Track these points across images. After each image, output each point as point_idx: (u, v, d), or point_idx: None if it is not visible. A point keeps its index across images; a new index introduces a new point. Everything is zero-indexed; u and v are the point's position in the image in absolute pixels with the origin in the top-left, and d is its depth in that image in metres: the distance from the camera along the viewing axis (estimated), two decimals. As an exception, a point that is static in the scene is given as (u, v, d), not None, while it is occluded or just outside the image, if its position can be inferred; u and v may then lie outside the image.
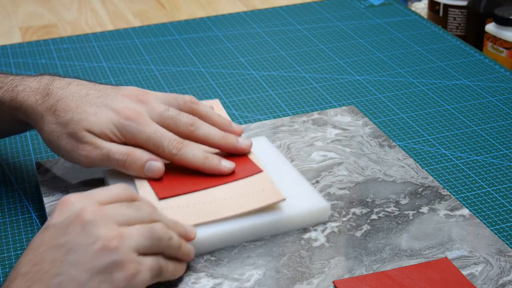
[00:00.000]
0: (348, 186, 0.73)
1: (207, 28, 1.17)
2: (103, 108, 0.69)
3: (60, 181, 0.74)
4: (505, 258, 0.62)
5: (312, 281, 0.61)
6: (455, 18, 1.36)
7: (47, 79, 0.72)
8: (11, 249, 0.68)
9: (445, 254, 0.63)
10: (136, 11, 1.27)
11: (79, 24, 1.22)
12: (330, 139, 0.80)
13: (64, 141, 0.69)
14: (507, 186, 0.74)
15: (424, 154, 0.80)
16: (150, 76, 1.01)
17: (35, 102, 0.70)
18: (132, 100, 0.71)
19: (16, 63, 1.07)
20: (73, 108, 0.69)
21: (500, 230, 0.68)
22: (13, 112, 0.71)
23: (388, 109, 0.90)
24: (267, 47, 1.09)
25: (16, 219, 0.72)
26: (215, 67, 1.04)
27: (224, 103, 0.93)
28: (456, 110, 0.89)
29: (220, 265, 0.63)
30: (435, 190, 0.71)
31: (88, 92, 0.71)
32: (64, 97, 0.70)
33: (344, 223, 0.67)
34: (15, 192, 0.77)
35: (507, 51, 1.19)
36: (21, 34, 1.18)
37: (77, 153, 0.68)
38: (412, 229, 0.66)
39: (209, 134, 0.71)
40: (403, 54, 1.05)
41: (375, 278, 0.60)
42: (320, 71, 1.01)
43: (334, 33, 1.13)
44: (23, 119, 0.71)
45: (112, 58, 1.07)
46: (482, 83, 0.96)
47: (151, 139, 0.68)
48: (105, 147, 0.68)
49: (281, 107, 0.92)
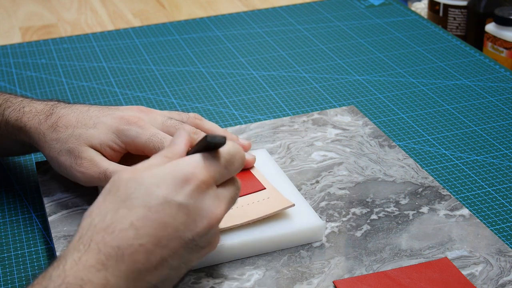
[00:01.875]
0: (348, 186, 0.73)
1: (207, 28, 1.17)
2: (103, 118, 0.69)
3: (60, 181, 0.74)
4: (505, 258, 0.62)
5: (312, 281, 0.61)
6: (455, 18, 1.36)
7: (54, 102, 0.72)
8: (11, 249, 0.68)
9: (445, 254, 0.63)
10: (136, 11, 1.27)
11: (79, 24, 1.22)
12: (330, 139, 0.80)
13: (63, 157, 0.68)
14: (507, 186, 0.74)
15: (424, 154, 0.80)
16: (150, 76, 1.01)
17: (38, 122, 0.70)
18: (134, 110, 0.71)
19: (16, 63, 1.07)
20: (73, 123, 0.69)
21: (500, 230, 0.68)
22: (16, 133, 0.72)
23: (388, 109, 0.90)
24: (267, 47, 1.09)
25: (16, 219, 0.72)
26: (215, 67, 1.04)
27: (224, 103, 0.93)
28: (456, 110, 0.89)
29: (220, 265, 0.63)
30: (435, 190, 0.71)
31: (89, 108, 0.71)
32: (66, 114, 0.70)
33: (344, 223, 0.67)
34: (15, 192, 0.77)
35: (507, 51, 1.19)
36: (21, 34, 1.18)
37: (75, 170, 0.68)
38: (412, 229, 0.66)
39: None
40: (403, 54, 1.05)
41: (375, 278, 0.60)
42: (320, 71, 1.01)
43: (334, 33, 1.13)
44: (25, 140, 0.71)
45: (112, 58, 1.07)
46: (482, 83, 0.96)
47: (152, 141, 0.67)
48: (102, 166, 0.67)
49: (281, 107, 0.92)
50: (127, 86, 0.99)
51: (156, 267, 0.52)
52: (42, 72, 1.04)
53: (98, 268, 0.50)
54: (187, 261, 0.55)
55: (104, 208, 0.53)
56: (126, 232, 0.52)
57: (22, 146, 0.74)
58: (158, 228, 0.53)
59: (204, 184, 0.55)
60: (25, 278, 0.65)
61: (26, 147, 0.74)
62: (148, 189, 0.53)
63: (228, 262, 0.63)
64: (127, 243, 0.52)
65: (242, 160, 0.58)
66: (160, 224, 0.53)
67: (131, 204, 0.53)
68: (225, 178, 0.57)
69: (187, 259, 0.54)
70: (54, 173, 0.74)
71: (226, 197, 0.57)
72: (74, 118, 0.69)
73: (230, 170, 0.57)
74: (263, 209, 0.65)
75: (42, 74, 1.03)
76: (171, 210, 0.53)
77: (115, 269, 0.51)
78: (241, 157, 0.58)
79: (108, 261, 0.51)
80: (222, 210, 0.56)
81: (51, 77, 1.02)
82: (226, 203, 0.56)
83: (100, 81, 1.01)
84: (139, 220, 0.52)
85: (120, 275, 0.51)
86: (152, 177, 0.54)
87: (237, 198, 0.59)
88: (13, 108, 0.72)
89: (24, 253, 0.68)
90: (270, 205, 0.65)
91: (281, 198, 0.66)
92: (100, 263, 0.51)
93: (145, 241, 0.52)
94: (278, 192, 0.67)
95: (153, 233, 0.52)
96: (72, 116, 0.70)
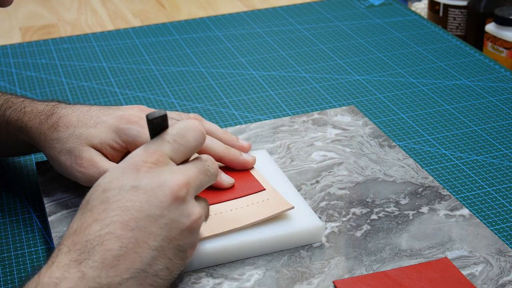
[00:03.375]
0: (348, 186, 0.73)
1: (207, 28, 1.17)
2: (104, 118, 0.69)
3: (60, 181, 0.74)
4: (505, 258, 0.62)
5: (312, 281, 0.61)
6: (455, 18, 1.36)
7: (55, 102, 0.73)
8: (11, 249, 0.68)
9: (445, 254, 0.63)
10: (136, 11, 1.27)
11: (79, 24, 1.22)
12: (330, 139, 0.80)
13: (64, 157, 0.68)
14: (507, 186, 0.74)
15: (424, 154, 0.80)
16: (150, 76, 1.01)
17: (39, 122, 0.70)
18: (135, 109, 0.71)
19: (16, 63, 1.07)
20: (74, 123, 0.69)
21: (500, 230, 0.68)
22: (17, 133, 0.72)
23: (388, 109, 0.90)
24: (267, 47, 1.09)
25: (16, 219, 0.72)
26: (215, 67, 1.04)
27: (224, 103, 0.93)
28: (456, 110, 0.89)
29: (220, 265, 0.63)
30: (435, 190, 0.71)
31: (90, 108, 0.71)
32: (67, 114, 0.70)
33: (344, 223, 0.67)
34: (15, 192, 0.77)
35: (507, 51, 1.19)
36: (21, 34, 1.18)
37: (75, 169, 0.68)
38: (412, 229, 0.66)
39: (211, 145, 0.70)
40: (403, 54, 1.05)
41: (375, 278, 0.60)
42: (320, 71, 1.01)
43: (334, 33, 1.13)
44: (26, 140, 0.72)
45: (112, 58, 1.07)
46: (482, 83, 0.96)
47: None
48: (102, 166, 0.67)
49: (281, 107, 0.92)
50: (127, 86, 0.99)
51: (135, 250, 0.53)
52: (42, 72, 1.04)
53: (72, 266, 0.51)
54: (170, 239, 0.54)
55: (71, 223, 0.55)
56: (91, 227, 0.53)
57: (23, 147, 0.74)
58: (120, 214, 0.53)
59: (154, 164, 0.55)
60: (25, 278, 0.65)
61: (27, 148, 0.74)
62: (103, 188, 0.55)
63: (228, 262, 0.63)
64: (94, 235, 0.52)
65: (196, 131, 0.58)
66: (122, 209, 0.53)
67: (91, 206, 0.54)
68: (182, 153, 0.58)
69: (169, 237, 0.54)
70: (54, 173, 0.74)
71: (187, 169, 0.57)
72: (75, 117, 0.69)
73: (183, 144, 0.57)
74: (263, 211, 0.65)
75: (42, 74, 1.03)
76: (128, 194, 0.54)
77: (89, 261, 0.51)
78: (193, 128, 0.58)
79: (80, 256, 0.52)
80: (181, 179, 0.55)
81: (51, 77, 1.02)
82: (186, 172, 0.57)
83: (100, 81, 1.01)
84: (100, 214, 0.53)
85: (95, 265, 0.51)
86: (105, 178, 0.56)
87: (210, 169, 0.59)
88: (14, 108, 0.72)
89: (24, 253, 0.68)
90: (269, 207, 0.65)
91: (281, 199, 0.66)
92: (73, 260, 0.51)
93: (112, 228, 0.53)
94: (277, 194, 0.67)
95: (117, 219, 0.53)
96: (73, 116, 0.70)
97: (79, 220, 0.54)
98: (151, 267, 0.53)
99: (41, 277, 0.51)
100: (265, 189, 0.68)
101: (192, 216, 0.56)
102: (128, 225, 0.53)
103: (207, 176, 0.59)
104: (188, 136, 0.58)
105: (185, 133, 0.58)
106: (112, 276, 0.51)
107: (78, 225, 0.54)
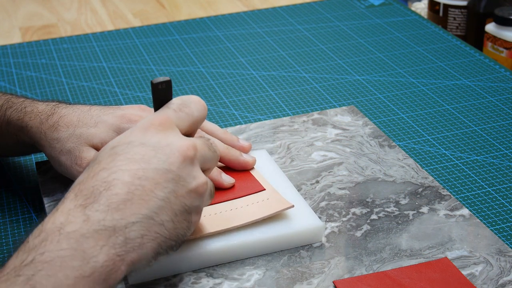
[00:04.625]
0: (348, 186, 0.73)
1: (207, 28, 1.17)
2: (104, 117, 0.69)
3: (60, 181, 0.73)
4: (505, 258, 0.62)
5: (312, 281, 0.61)
6: (455, 18, 1.36)
7: (55, 102, 0.73)
8: (11, 249, 0.68)
9: (445, 254, 0.63)
10: (136, 11, 1.27)
11: (79, 24, 1.22)
12: (330, 139, 0.80)
13: (64, 157, 0.68)
14: (507, 186, 0.74)
15: (424, 154, 0.80)
16: (150, 76, 1.01)
17: (39, 122, 0.70)
18: (136, 109, 0.71)
19: (16, 63, 1.07)
20: (74, 122, 0.69)
21: (500, 230, 0.68)
22: (17, 133, 0.72)
23: (388, 109, 0.90)
24: (267, 47, 1.09)
25: (16, 219, 0.72)
26: (215, 67, 1.04)
27: (224, 103, 0.93)
28: (456, 110, 0.89)
29: (220, 265, 0.63)
30: (435, 190, 0.71)
31: (91, 108, 0.71)
32: (67, 114, 0.70)
33: (344, 223, 0.67)
34: (15, 192, 0.77)
35: (507, 51, 1.19)
36: (21, 34, 1.18)
37: (76, 169, 0.68)
38: (412, 229, 0.66)
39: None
40: (403, 54, 1.05)
41: (375, 278, 0.60)
42: (320, 71, 1.01)
43: (334, 33, 1.13)
44: (26, 140, 0.71)
45: (112, 58, 1.07)
46: (482, 83, 0.96)
47: None
48: None
49: (281, 107, 0.92)
50: (127, 86, 0.99)
51: (142, 197, 0.53)
52: (42, 72, 1.04)
53: (77, 210, 0.51)
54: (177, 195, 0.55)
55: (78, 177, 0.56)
56: (98, 175, 0.53)
57: (24, 147, 0.74)
58: (128, 164, 0.54)
59: (161, 126, 0.56)
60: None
61: (28, 148, 0.74)
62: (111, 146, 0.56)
63: (228, 262, 0.63)
64: (101, 181, 0.53)
65: (199, 103, 0.60)
66: (130, 160, 0.54)
67: (98, 160, 0.55)
68: (187, 122, 0.59)
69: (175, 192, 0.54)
70: (54, 173, 0.74)
71: (193, 139, 0.58)
72: (76, 117, 0.70)
73: (188, 113, 0.59)
74: (263, 210, 0.65)
75: (42, 74, 1.03)
76: (136, 149, 0.55)
77: (95, 204, 0.51)
78: (196, 101, 0.60)
79: (86, 201, 0.52)
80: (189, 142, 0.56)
81: (51, 77, 1.02)
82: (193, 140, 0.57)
83: (100, 81, 1.01)
84: (108, 163, 0.54)
85: (101, 208, 0.51)
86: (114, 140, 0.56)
87: (214, 146, 0.60)
88: (14, 108, 0.72)
89: (24, 253, 0.68)
90: (269, 206, 0.65)
91: (281, 199, 0.66)
92: (78, 205, 0.51)
93: (119, 175, 0.53)
94: (277, 193, 0.67)
95: (125, 168, 0.53)
96: (74, 115, 0.70)
97: (86, 172, 0.54)
98: (157, 215, 0.53)
99: (45, 224, 0.51)
100: (265, 189, 0.68)
101: (199, 180, 0.56)
102: (136, 174, 0.53)
103: (211, 151, 0.59)
104: (192, 106, 0.60)
105: (189, 104, 0.60)
106: (117, 219, 0.51)
107: (85, 176, 0.54)
